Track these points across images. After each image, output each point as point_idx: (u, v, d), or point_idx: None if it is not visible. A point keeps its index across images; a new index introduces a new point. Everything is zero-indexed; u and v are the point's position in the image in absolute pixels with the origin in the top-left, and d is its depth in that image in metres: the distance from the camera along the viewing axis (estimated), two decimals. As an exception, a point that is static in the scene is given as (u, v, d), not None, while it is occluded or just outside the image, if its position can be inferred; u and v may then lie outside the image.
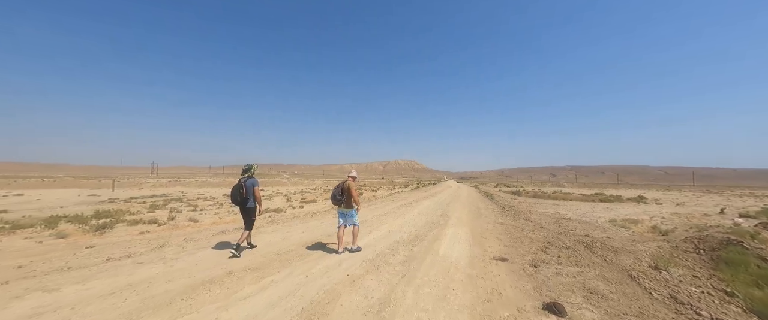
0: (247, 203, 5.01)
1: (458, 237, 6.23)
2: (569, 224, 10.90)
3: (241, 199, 4.96)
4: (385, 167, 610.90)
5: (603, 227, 10.62)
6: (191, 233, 7.31)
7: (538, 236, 6.50)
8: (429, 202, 15.54)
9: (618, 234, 9.28)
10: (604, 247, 6.50)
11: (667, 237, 8.57)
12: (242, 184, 5.00)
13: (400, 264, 4.39)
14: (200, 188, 39.21)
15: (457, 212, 10.85)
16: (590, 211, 16.35)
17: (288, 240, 5.97)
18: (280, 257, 4.78)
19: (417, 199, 17.62)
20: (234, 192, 5.00)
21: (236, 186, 5.03)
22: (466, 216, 9.63)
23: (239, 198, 4.96)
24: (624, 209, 18.25)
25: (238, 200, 4.98)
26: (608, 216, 14.29)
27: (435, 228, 7.43)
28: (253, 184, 5.11)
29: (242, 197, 4.94)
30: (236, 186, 5.04)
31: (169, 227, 9.22)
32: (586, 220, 12.86)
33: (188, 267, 4.22)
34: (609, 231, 9.84)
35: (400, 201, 16.13)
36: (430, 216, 9.69)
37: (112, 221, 10.08)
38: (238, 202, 5.00)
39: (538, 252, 5.17)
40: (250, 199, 5.04)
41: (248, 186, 5.03)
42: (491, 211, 11.68)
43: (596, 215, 14.66)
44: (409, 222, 8.35)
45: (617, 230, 10.33)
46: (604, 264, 4.77)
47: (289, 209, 13.86)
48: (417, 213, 10.58)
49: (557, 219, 12.55)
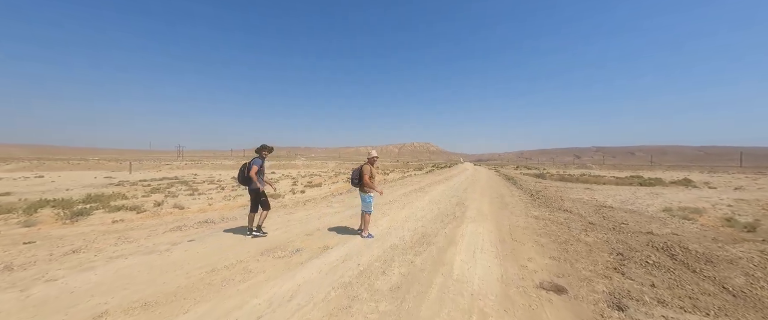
0: (251, 184, 4.90)
1: (480, 239, 4.60)
2: (614, 214, 8.96)
3: (242, 179, 5.00)
4: (400, 150, 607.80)
5: (659, 219, 8.62)
6: (154, 225, 6.17)
7: (594, 239, 4.71)
8: (443, 187, 13.83)
9: (684, 228, 7.31)
10: (687, 253, 4.64)
11: (757, 234, 6.54)
12: (246, 165, 4.97)
13: (390, 294, 2.83)
14: (214, 171, 39.61)
15: (477, 200, 9.11)
16: (633, 197, 14.05)
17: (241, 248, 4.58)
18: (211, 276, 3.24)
19: (430, 184, 15.95)
20: (240, 173, 5.02)
21: (241, 167, 5.02)
22: (487, 207, 7.89)
23: (241, 178, 5.00)
24: (673, 195, 15.69)
25: (241, 181, 5.03)
26: (658, 204, 12.03)
27: (448, 223, 5.82)
28: (253, 164, 4.91)
29: (244, 177, 4.96)
30: (241, 167, 5.02)
31: (148, 215, 8.28)
32: (633, 209, 10.79)
33: (75, 289, 2.91)
34: (670, 225, 7.88)
35: (411, 186, 14.55)
36: (443, 206, 8.04)
37: (94, 207, 9.35)
38: (242, 183, 5.03)
39: (609, 270, 3.41)
40: (253, 180, 4.86)
41: (250, 166, 4.91)
42: (518, 199, 9.81)
43: (642, 202, 12.43)
44: (416, 215, 6.78)
45: (679, 223, 8.31)
46: (720, 291, 3.00)
47: (289, 195, 12.71)
48: (427, 201, 8.96)
49: (597, 207, 10.59)
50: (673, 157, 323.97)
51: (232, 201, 11.02)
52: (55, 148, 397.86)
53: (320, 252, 3.98)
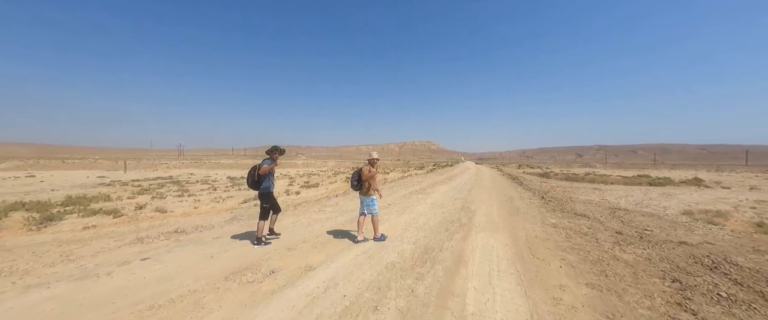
0: (261, 187, 4.69)
1: (495, 256, 3.80)
2: (633, 218, 8.19)
3: (252, 182, 4.70)
4: (401, 148, 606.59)
5: (683, 224, 7.88)
6: (122, 234, 5.42)
7: (632, 256, 3.89)
8: (446, 188, 13.05)
9: (715, 236, 6.58)
10: (740, 271, 3.86)
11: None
12: (256, 166, 4.72)
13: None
14: (212, 170, 38.94)
15: (485, 204, 8.32)
16: (646, 198, 13.28)
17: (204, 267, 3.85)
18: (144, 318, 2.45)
19: (432, 184, 15.17)
20: (249, 175, 4.74)
21: (251, 169, 4.73)
22: (497, 211, 7.10)
23: (251, 180, 4.71)
24: (687, 196, 14.90)
25: (250, 183, 4.72)
26: (674, 206, 11.25)
27: (455, 233, 5.04)
28: (264, 163, 4.73)
29: (254, 180, 4.67)
30: (252, 168, 4.74)
31: (124, 220, 7.55)
32: (650, 211, 10.03)
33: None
34: (697, 231, 7.13)
35: (412, 187, 13.78)
36: (448, 211, 7.26)
37: (70, 211, 8.65)
38: (251, 186, 4.73)
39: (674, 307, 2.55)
40: (266, 182, 4.73)
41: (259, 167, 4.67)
42: (528, 202, 9.01)
43: (657, 204, 11.65)
44: (417, 222, 6.01)
45: (706, 228, 7.54)
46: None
47: (283, 196, 11.97)
48: (430, 204, 8.19)
49: (611, 210, 9.83)
50: (676, 155, 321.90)
51: (220, 204, 10.29)
52: (59, 147, 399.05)
53: (300, 274, 3.23)
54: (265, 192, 4.68)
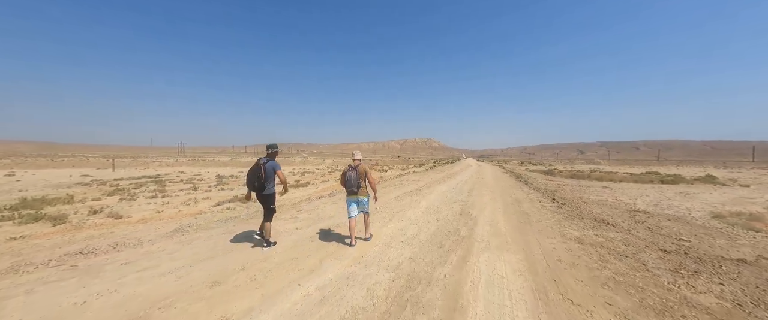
0: (266, 189, 4.27)
1: (506, 294, 2.61)
2: (659, 224, 7.05)
3: (258, 184, 4.21)
4: (402, 145, 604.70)
5: (718, 230, 6.77)
6: (40, 249, 4.29)
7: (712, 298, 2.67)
8: (444, 188, 11.86)
9: (753, 242, 5.50)
10: None
11: None
12: (261, 166, 4.23)
13: None
14: (206, 168, 37.89)
15: (488, 208, 7.13)
16: (662, 198, 12.09)
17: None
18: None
19: (429, 183, 13.99)
20: (251, 176, 4.24)
21: (254, 169, 4.24)
22: (503, 218, 5.91)
23: (257, 182, 4.20)
24: (706, 195, 13.67)
25: (254, 185, 4.23)
26: (698, 207, 10.07)
27: (451, 250, 3.88)
28: (274, 167, 4.36)
29: (260, 182, 4.20)
30: (254, 168, 4.25)
31: (64, 229, 6.44)
32: (674, 214, 8.87)
33: None
34: (741, 240, 6.02)
35: (408, 186, 12.61)
36: (444, 218, 6.09)
37: (10, 215, 7.56)
38: (254, 187, 4.26)
39: None
40: (270, 184, 4.32)
41: (268, 169, 4.27)
42: (539, 206, 7.82)
43: (678, 205, 10.46)
44: (405, 233, 4.85)
45: (749, 236, 6.43)
46: None
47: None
48: (424, 209, 7.01)
49: (631, 213, 8.67)
50: (679, 151, 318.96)
51: (189, 207, 9.15)
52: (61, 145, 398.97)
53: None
54: (270, 194, 4.34)
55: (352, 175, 4.35)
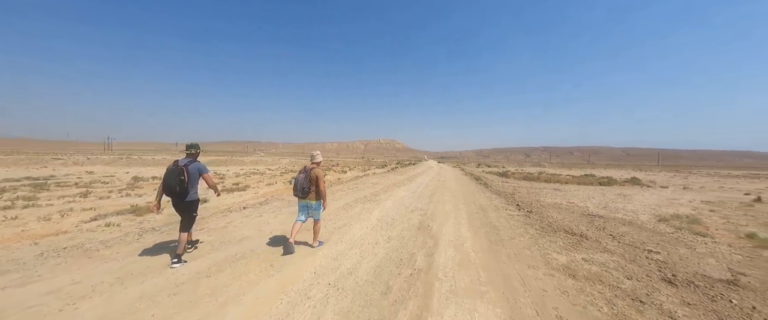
0: (188, 195, 3.66)
1: None
2: (619, 230, 6.85)
3: (181, 189, 3.57)
4: (366, 146, 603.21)
5: (671, 236, 6.76)
6: None
7: None
8: (403, 193, 10.70)
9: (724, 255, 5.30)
10: None
11: None
12: (183, 169, 3.62)
13: None
14: (127, 167, 31.74)
15: (451, 219, 6.04)
16: (606, 200, 12.63)
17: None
18: None
19: (388, 187, 12.77)
20: (169, 180, 3.58)
21: (173, 172, 3.59)
22: (469, 233, 4.82)
23: (178, 187, 3.56)
24: (640, 196, 14.83)
25: (175, 190, 3.57)
26: (640, 210, 10.53)
27: (401, 303, 2.51)
28: (200, 170, 3.79)
29: (182, 186, 3.58)
30: (172, 171, 3.61)
31: None
32: (624, 218, 9.02)
33: None
34: (699, 248, 5.91)
35: (363, 190, 11.21)
36: (398, 234, 4.79)
37: None
38: (174, 193, 3.59)
39: None
40: (194, 190, 3.75)
41: (192, 171, 3.69)
42: (506, 215, 7.02)
43: (622, 207, 10.86)
44: (342, 264, 3.41)
45: (702, 243, 6.41)
46: None
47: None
48: (375, 221, 5.66)
49: (589, 218, 8.52)
50: (604, 156, 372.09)
51: (50, 224, 6.47)
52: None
53: None
54: (192, 201, 3.77)
55: (300, 179, 4.05)
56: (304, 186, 3.98)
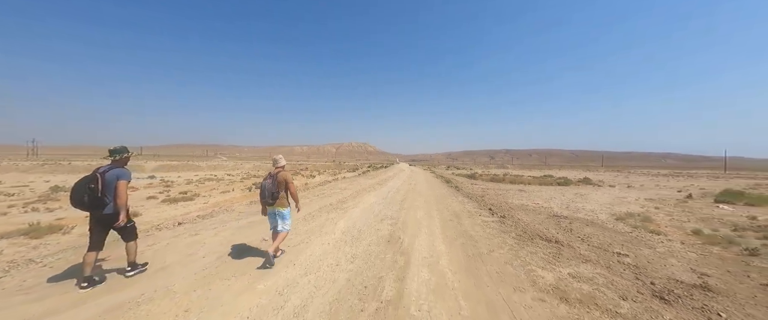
0: (106, 206, 3.09)
1: None
2: (585, 231, 6.98)
3: (90, 200, 3.01)
4: (338, 149, 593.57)
5: (631, 236, 7.07)
6: None
7: None
8: (373, 199, 10.04)
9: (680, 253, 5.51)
10: None
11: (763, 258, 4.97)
12: (97, 176, 3.07)
13: None
14: (49, 174, 26.91)
15: (424, 229, 5.49)
16: (567, 200, 13.23)
17: None
18: None
19: (357, 192, 12.02)
20: (78, 190, 3.02)
21: (85, 181, 3.06)
22: (444, 248, 4.28)
23: (88, 198, 3.00)
24: (595, 195, 15.88)
25: (83, 202, 3.00)
26: (597, 209, 11.09)
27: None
28: (119, 177, 3.13)
29: (94, 198, 3.02)
30: (85, 180, 3.07)
31: None
32: (585, 217, 9.36)
33: None
34: (658, 248, 6.10)
35: (331, 197, 10.33)
36: (363, 252, 4.10)
37: None
38: (84, 205, 3.01)
39: None
40: (111, 201, 3.11)
41: (110, 179, 3.10)
42: (481, 222, 6.66)
43: (582, 206, 11.38)
44: (288, 301, 2.62)
45: (659, 241, 6.68)
46: None
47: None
48: (339, 235, 4.92)
49: (556, 219, 8.66)
50: (557, 158, 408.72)
51: None
52: None
53: None
54: (110, 214, 3.06)
55: (267, 185, 3.86)
56: (273, 191, 3.72)
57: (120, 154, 3.29)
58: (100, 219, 3.10)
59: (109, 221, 3.13)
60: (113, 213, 3.12)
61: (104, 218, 3.11)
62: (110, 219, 3.13)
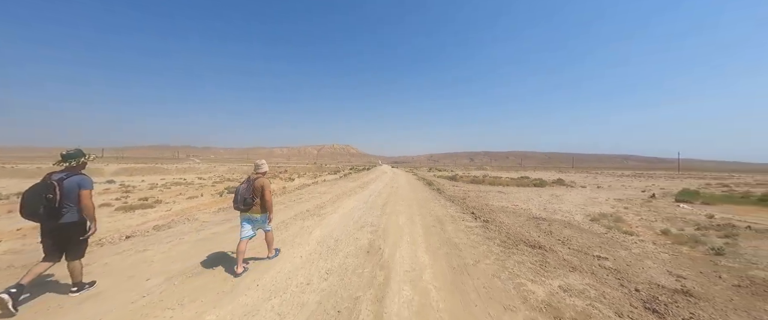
0: (64, 216, 2.82)
1: None
2: (563, 234, 7.02)
3: (46, 212, 2.73)
4: (319, 151, 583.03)
5: (606, 237, 7.23)
6: None
7: None
8: (353, 203, 9.61)
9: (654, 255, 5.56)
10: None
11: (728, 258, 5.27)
12: (54, 185, 2.77)
13: None
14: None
15: (406, 237, 5.15)
16: (543, 201, 13.57)
17: None
18: None
19: (337, 196, 11.53)
20: (30, 199, 2.72)
21: (39, 190, 2.75)
22: (427, 259, 3.95)
23: (44, 210, 2.72)
24: (569, 196, 16.47)
25: (38, 214, 2.72)
26: (573, 210, 11.40)
27: None
28: (80, 185, 2.89)
29: (51, 209, 2.74)
30: (39, 188, 2.76)
31: None
32: (564, 219, 9.56)
33: None
34: (634, 249, 6.20)
35: (308, 202, 9.77)
36: (339, 265, 3.70)
37: None
38: (38, 217, 2.73)
39: None
40: (71, 210, 2.86)
41: (68, 187, 2.84)
42: (463, 227, 6.48)
43: (558, 208, 11.67)
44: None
45: (633, 243, 6.85)
46: None
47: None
48: (314, 245, 4.47)
49: (535, 222, 8.75)
50: (532, 160, 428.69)
51: None
52: None
53: None
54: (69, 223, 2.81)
55: (241, 189, 3.67)
56: (247, 197, 3.59)
57: (75, 159, 2.98)
58: (55, 229, 2.82)
59: (67, 231, 2.86)
60: (72, 221, 2.88)
61: (60, 228, 2.82)
62: (67, 229, 2.86)
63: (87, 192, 2.92)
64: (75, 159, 3.00)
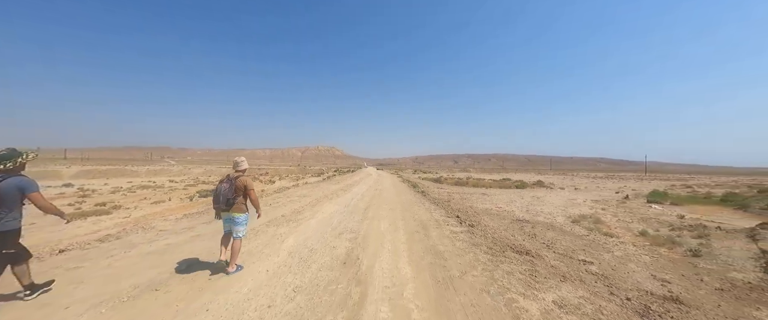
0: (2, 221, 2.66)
1: None
2: (547, 236, 6.93)
3: None
4: (303, 153, 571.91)
5: (588, 239, 7.24)
6: None
7: None
8: (334, 208, 9.09)
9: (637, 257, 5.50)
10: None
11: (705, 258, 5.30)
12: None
13: None
14: None
15: (387, 245, 4.72)
16: (525, 203, 13.66)
17: None
18: None
19: (317, 200, 10.95)
20: None
21: None
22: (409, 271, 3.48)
23: None
24: (550, 198, 16.76)
25: None
26: (555, 212, 11.48)
27: None
28: (23, 189, 2.74)
29: None
30: None
31: None
32: (546, 221, 9.55)
33: None
34: (615, 251, 6.23)
35: (286, 206, 9.15)
36: (309, 282, 3.23)
37: None
38: None
39: None
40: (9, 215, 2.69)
41: (7, 191, 2.67)
42: (448, 233, 6.18)
43: (540, 209, 11.73)
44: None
45: (614, 244, 6.84)
46: None
47: None
48: (286, 254, 3.98)
49: (519, 224, 8.66)
50: (513, 162, 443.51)
51: None
52: None
53: None
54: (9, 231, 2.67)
55: (223, 189, 3.50)
56: (229, 196, 3.47)
57: (11, 160, 2.71)
58: None
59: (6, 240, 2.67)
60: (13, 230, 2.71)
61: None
62: (7, 238, 2.68)
63: (37, 194, 2.77)
64: (10, 159, 2.73)
